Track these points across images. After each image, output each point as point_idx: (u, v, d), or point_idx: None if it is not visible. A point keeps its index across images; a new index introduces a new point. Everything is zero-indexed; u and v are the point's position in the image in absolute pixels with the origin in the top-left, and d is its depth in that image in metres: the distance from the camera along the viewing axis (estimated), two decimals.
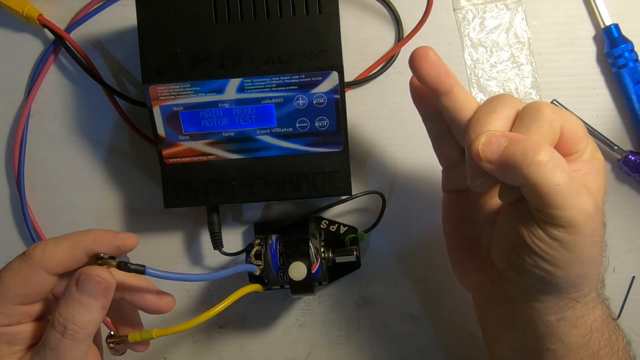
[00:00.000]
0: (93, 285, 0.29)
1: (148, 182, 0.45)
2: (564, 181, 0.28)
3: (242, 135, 0.39)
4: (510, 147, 0.29)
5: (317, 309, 0.46)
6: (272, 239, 0.41)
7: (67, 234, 0.31)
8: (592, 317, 0.32)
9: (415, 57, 0.32)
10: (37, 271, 0.29)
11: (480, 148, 0.29)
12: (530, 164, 0.28)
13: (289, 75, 0.38)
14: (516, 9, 0.44)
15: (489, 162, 0.29)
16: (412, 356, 0.46)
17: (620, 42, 0.42)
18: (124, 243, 0.32)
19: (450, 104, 0.32)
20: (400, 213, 0.45)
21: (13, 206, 0.46)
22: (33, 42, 0.46)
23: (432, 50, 0.32)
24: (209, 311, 0.34)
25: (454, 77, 0.32)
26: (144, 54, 0.38)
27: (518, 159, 0.28)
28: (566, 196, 0.28)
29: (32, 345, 0.31)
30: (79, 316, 0.29)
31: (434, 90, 0.32)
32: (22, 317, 0.30)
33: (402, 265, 0.45)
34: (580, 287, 0.32)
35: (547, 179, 0.28)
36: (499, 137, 0.29)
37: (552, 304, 0.32)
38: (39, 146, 0.46)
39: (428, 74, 0.32)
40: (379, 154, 0.45)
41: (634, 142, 0.44)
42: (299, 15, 0.37)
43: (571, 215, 0.29)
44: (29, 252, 0.30)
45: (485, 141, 0.29)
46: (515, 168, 0.28)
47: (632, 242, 0.45)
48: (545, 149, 0.29)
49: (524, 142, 0.29)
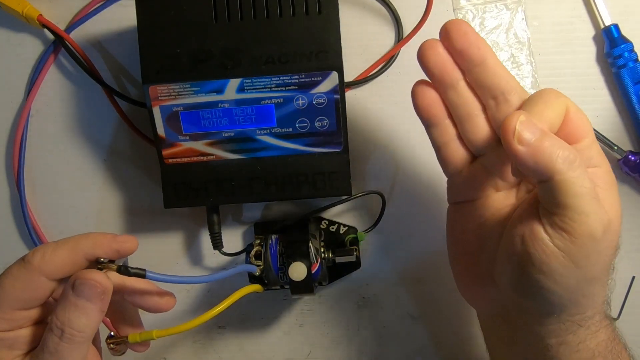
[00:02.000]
0: (89, 289, 0.29)
1: (148, 182, 0.45)
2: (590, 185, 0.27)
3: (242, 136, 0.39)
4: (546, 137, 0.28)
5: (317, 309, 0.46)
6: (272, 239, 0.41)
7: (66, 239, 0.31)
8: (595, 342, 0.31)
9: (450, 28, 0.31)
10: (37, 277, 0.29)
11: (518, 126, 0.27)
12: (563, 159, 0.27)
13: (289, 76, 0.38)
14: (516, 9, 0.44)
15: (521, 143, 0.27)
16: (412, 356, 0.46)
17: (620, 42, 0.42)
18: (124, 247, 0.31)
19: (489, 71, 0.31)
20: (400, 213, 0.45)
21: (13, 206, 0.46)
22: (33, 42, 0.46)
23: (464, 22, 0.31)
24: (209, 312, 0.34)
25: (490, 47, 0.32)
26: (144, 54, 0.38)
27: (551, 150, 0.27)
28: (590, 201, 0.27)
29: (33, 349, 0.31)
30: (77, 320, 0.29)
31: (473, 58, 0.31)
32: (22, 322, 0.30)
33: (402, 265, 0.45)
34: (584, 310, 0.30)
35: (576, 177, 0.27)
36: (536, 123, 0.28)
37: (554, 327, 0.31)
38: (39, 146, 0.46)
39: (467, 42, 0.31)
40: (379, 154, 0.45)
41: (634, 142, 0.44)
42: (299, 15, 0.37)
43: (591, 222, 0.27)
44: (28, 257, 0.29)
45: (525, 120, 0.28)
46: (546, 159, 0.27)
47: (632, 242, 0.45)
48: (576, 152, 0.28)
49: (558, 139, 0.28)
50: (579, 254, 0.28)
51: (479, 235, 0.34)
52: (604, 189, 0.30)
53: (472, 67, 0.31)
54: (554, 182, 0.27)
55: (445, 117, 0.34)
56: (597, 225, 0.28)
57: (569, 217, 0.28)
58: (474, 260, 0.35)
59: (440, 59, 0.32)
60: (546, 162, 0.27)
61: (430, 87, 0.33)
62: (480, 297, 0.36)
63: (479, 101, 0.32)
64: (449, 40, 0.31)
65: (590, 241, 0.28)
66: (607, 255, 0.29)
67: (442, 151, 0.34)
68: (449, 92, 0.33)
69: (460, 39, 0.31)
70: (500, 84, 0.31)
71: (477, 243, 0.34)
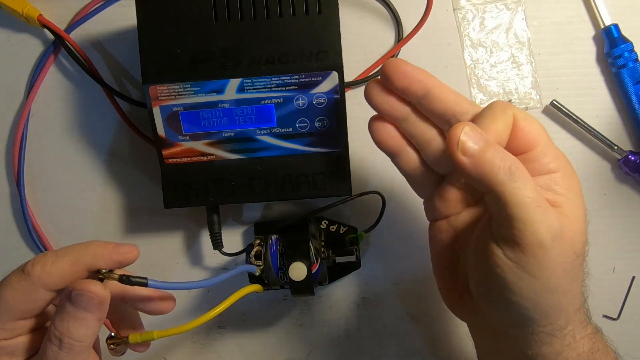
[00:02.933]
0: (86, 300, 0.28)
1: (148, 182, 0.45)
2: (533, 195, 0.28)
3: (242, 136, 0.39)
4: (489, 148, 0.28)
5: (317, 309, 0.46)
6: (272, 240, 0.41)
7: (67, 249, 0.30)
8: (573, 354, 0.31)
9: (389, 70, 0.31)
10: (37, 289, 0.29)
11: (462, 137, 0.28)
12: (504, 170, 0.28)
13: (289, 76, 0.38)
14: (516, 9, 0.44)
15: (464, 154, 0.28)
16: (412, 356, 0.46)
17: (620, 42, 0.42)
18: (125, 258, 0.31)
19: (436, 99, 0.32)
20: (400, 213, 0.45)
21: (13, 206, 0.46)
22: (33, 42, 0.46)
23: (402, 61, 0.32)
24: (209, 312, 0.34)
25: (433, 77, 0.32)
26: (144, 54, 0.38)
27: (492, 161, 0.28)
28: (534, 210, 0.27)
29: (32, 355, 0.31)
30: (75, 330, 0.28)
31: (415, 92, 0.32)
32: (21, 330, 0.30)
33: (402, 265, 0.45)
34: (554, 320, 0.30)
35: (517, 188, 0.27)
36: (481, 134, 0.29)
37: (528, 338, 0.31)
38: (39, 146, 0.46)
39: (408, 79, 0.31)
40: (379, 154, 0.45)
41: (634, 142, 0.44)
42: (299, 15, 0.37)
43: (537, 230, 0.27)
44: (28, 269, 0.29)
45: (469, 131, 0.28)
46: (487, 171, 0.28)
47: (632, 242, 0.45)
48: (519, 162, 0.28)
49: (501, 150, 0.28)
50: (532, 264, 0.28)
51: (454, 250, 0.35)
52: (562, 194, 0.30)
53: (418, 99, 0.32)
54: (497, 193, 0.28)
55: (406, 145, 0.34)
56: (544, 233, 0.27)
57: (515, 228, 0.28)
58: (454, 274, 0.35)
59: (385, 99, 0.33)
60: (487, 173, 0.28)
61: (386, 121, 0.34)
62: (463, 310, 0.36)
63: (434, 126, 0.33)
64: (390, 82, 0.32)
65: (540, 250, 0.28)
66: (565, 263, 0.29)
67: (410, 178, 0.35)
68: (402, 124, 0.33)
69: (399, 79, 0.31)
70: (449, 109, 0.32)
71: (455, 258, 0.35)
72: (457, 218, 0.34)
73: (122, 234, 0.46)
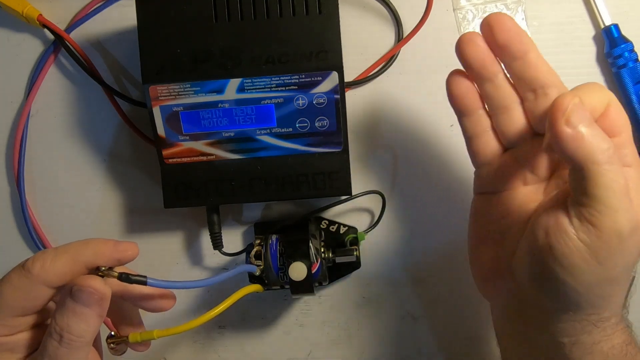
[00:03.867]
0: (87, 296, 0.28)
1: (148, 182, 0.45)
2: (623, 182, 0.27)
3: (242, 136, 0.39)
4: (592, 126, 0.27)
5: (317, 309, 0.46)
6: (272, 239, 0.41)
7: (67, 246, 0.30)
8: (609, 345, 0.30)
9: (493, 22, 0.31)
10: (37, 286, 0.29)
11: (570, 107, 0.27)
12: (603, 150, 0.27)
13: (289, 76, 0.38)
14: (516, 9, 0.44)
15: (568, 125, 0.27)
16: (412, 356, 0.46)
17: (620, 42, 0.42)
18: (125, 255, 0.31)
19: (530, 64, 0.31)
20: (400, 213, 0.45)
21: (13, 206, 0.46)
22: (33, 42, 0.46)
23: (507, 16, 0.31)
24: (209, 312, 0.34)
25: (532, 41, 0.31)
26: (144, 54, 0.38)
27: (594, 140, 0.27)
28: (621, 197, 0.27)
29: (33, 351, 0.31)
30: (75, 325, 0.29)
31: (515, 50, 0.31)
32: (22, 327, 0.30)
33: (402, 265, 0.45)
34: (601, 310, 0.30)
35: (611, 171, 0.27)
36: (587, 111, 0.27)
37: (568, 325, 0.30)
38: (39, 146, 0.46)
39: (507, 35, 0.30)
40: (379, 154, 0.45)
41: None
42: (299, 15, 0.37)
43: (619, 218, 0.27)
44: (28, 266, 0.29)
45: (578, 104, 0.27)
46: (587, 147, 0.27)
47: None
48: (615, 148, 0.27)
49: (602, 131, 0.27)
50: (603, 250, 0.27)
51: (501, 227, 0.34)
52: (634, 190, 0.29)
53: (513, 60, 0.31)
54: (589, 172, 0.27)
55: (480, 107, 0.33)
56: (625, 222, 0.27)
57: (597, 210, 0.27)
58: (494, 252, 0.34)
59: (480, 53, 0.32)
60: (587, 150, 0.27)
61: (466, 77, 0.33)
62: (496, 290, 0.35)
63: (516, 93, 0.32)
64: (492, 35, 0.31)
65: (616, 238, 0.27)
66: (631, 256, 0.28)
67: (474, 141, 0.34)
68: (486, 84, 0.32)
69: (503, 34, 0.31)
70: (540, 78, 0.31)
71: (499, 235, 0.34)
72: (510, 194, 0.34)
73: (122, 234, 0.46)
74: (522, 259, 0.31)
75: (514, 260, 0.32)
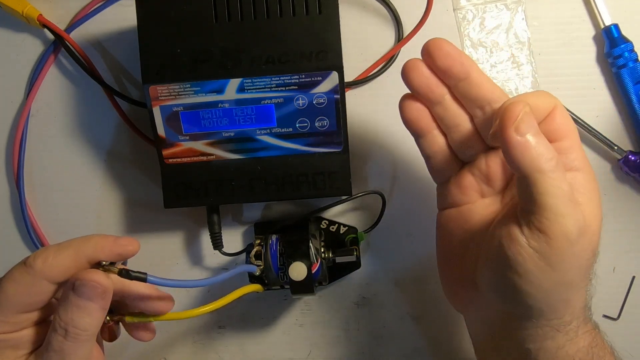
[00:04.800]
0: (90, 290, 0.29)
1: (148, 182, 0.45)
2: (567, 188, 0.28)
3: (242, 136, 0.39)
4: (539, 135, 0.28)
5: (317, 309, 0.46)
6: (272, 239, 0.41)
7: (68, 242, 0.31)
8: (574, 348, 0.31)
9: (432, 48, 0.32)
10: (39, 281, 0.29)
11: (521, 115, 0.28)
12: (547, 159, 0.28)
13: (289, 76, 0.38)
14: (516, 9, 0.44)
15: (517, 133, 0.28)
16: (411, 356, 0.46)
17: (620, 42, 0.42)
18: (125, 250, 0.31)
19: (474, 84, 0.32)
20: (400, 213, 0.45)
21: (13, 206, 0.46)
22: (33, 42, 0.46)
23: (445, 41, 0.32)
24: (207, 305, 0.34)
25: (473, 61, 0.32)
26: (144, 54, 0.38)
27: (539, 149, 0.28)
28: (566, 203, 0.28)
29: (36, 348, 0.31)
30: (80, 319, 0.29)
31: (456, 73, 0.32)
32: (25, 323, 0.31)
33: (402, 265, 0.45)
34: (561, 315, 0.31)
35: (555, 179, 0.28)
36: (534, 120, 0.29)
37: (532, 331, 0.31)
38: (38, 146, 0.46)
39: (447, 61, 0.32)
40: (379, 154, 0.45)
41: (634, 142, 0.44)
42: (299, 15, 0.37)
43: (566, 223, 0.28)
44: (30, 262, 0.29)
45: (528, 112, 0.28)
46: (533, 155, 0.28)
47: (632, 242, 0.45)
48: (559, 157, 0.28)
49: (546, 140, 0.29)
50: (555, 255, 0.28)
51: (463, 240, 0.35)
52: (583, 194, 0.30)
53: (457, 82, 0.32)
54: (534, 180, 0.28)
55: (434, 127, 0.35)
56: (572, 227, 0.28)
57: (545, 217, 0.28)
58: (458, 265, 0.35)
59: (424, 78, 0.33)
60: (532, 157, 0.28)
61: (417, 100, 0.34)
62: (464, 302, 0.36)
63: (465, 111, 0.33)
64: (432, 60, 0.32)
65: (566, 243, 0.28)
66: (584, 259, 0.29)
67: (432, 160, 0.36)
68: (435, 107, 0.34)
69: (443, 59, 0.32)
70: (486, 95, 0.32)
71: (462, 248, 0.35)
72: (470, 207, 0.35)
73: (121, 234, 0.46)
74: (482, 270, 0.32)
75: (476, 272, 0.33)
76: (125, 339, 0.36)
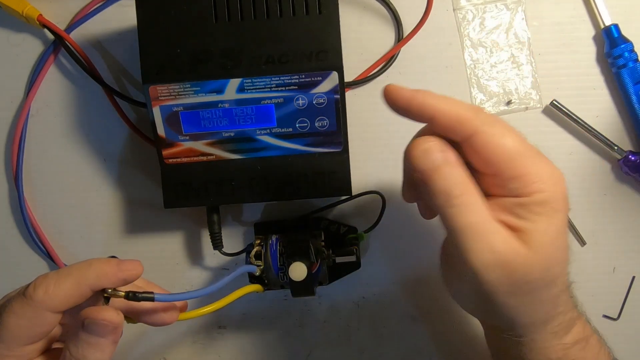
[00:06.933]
0: (100, 328, 0.28)
1: (148, 182, 0.45)
2: (474, 219, 0.29)
3: (242, 136, 0.39)
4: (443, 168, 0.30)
5: (317, 309, 0.46)
6: (272, 239, 0.41)
7: (69, 269, 0.29)
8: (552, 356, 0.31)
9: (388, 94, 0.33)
10: (42, 313, 0.28)
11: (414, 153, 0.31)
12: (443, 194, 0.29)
13: (289, 76, 0.38)
14: (516, 9, 0.44)
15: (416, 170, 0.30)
16: (412, 356, 0.46)
17: (620, 42, 0.42)
18: (130, 275, 0.30)
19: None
20: (400, 213, 0.45)
21: (12, 206, 0.46)
22: (33, 42, 0.45)
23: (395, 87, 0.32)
24: (208, 306, 0.34)
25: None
26: (144, 54, 0.38)
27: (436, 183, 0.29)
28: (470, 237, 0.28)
29: None
30: (90, 355, 0.28)
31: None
32: (32, 354, 0.30)
33: (402, 265, 0.45)
34: (522, 331, 0.31)
35: (456, 214, 0.29)
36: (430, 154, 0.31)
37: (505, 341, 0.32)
38: (38, 146, 0.46)
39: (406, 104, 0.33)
40: (379, 154, 0.45)
41: (634, 142, 0.44)
42: (299, 15, 0.37)
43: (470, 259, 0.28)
44: (30, 292, 0.28)
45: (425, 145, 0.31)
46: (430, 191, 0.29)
47: (632, 242, 0.45)
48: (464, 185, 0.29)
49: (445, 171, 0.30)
50: (467, 290, 0.30)
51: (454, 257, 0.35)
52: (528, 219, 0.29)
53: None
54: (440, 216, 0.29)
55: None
56: (476, 262, 0.28)
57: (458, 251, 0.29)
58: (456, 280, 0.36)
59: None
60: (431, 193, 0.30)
61: None
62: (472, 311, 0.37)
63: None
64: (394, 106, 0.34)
65: (476, 277, 0.29)
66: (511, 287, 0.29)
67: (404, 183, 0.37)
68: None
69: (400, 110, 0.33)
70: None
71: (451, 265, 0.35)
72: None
73: (121, 234, 0.46)
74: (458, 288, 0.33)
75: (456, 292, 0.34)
76: (126, 339, 0.35)
